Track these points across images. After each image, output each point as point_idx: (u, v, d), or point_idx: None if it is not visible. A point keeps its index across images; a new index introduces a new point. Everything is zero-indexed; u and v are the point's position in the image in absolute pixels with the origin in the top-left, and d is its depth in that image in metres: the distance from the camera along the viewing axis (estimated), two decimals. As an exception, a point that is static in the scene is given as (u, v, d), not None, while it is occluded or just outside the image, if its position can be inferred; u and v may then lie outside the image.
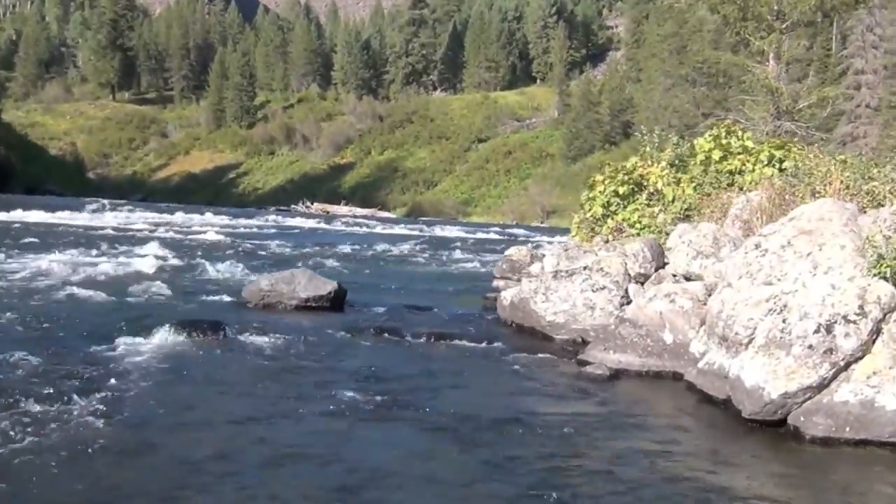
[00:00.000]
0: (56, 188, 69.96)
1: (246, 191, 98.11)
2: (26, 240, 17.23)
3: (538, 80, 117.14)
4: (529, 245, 16.61)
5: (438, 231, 39.33)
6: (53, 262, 12.75)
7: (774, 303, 5.92)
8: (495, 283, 14.38)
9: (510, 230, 48.30)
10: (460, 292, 13.43)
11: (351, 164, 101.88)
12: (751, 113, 16.67)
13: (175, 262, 14.13)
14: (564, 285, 8.78)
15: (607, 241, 11.42)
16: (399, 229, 39.27)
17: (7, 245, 15.42)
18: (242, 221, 33.64)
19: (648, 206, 11.26)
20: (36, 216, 27.47)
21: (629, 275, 8.76)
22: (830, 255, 5.85)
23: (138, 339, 7.17)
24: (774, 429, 5.52)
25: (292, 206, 70.15)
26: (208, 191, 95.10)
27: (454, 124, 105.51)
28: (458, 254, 22.86)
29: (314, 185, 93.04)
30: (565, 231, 53.79)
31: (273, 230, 30.65)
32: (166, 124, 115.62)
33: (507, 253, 16.61)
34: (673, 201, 10.49)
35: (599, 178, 12.37)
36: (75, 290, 10.13)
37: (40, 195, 56.47)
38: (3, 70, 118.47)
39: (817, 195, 7.17)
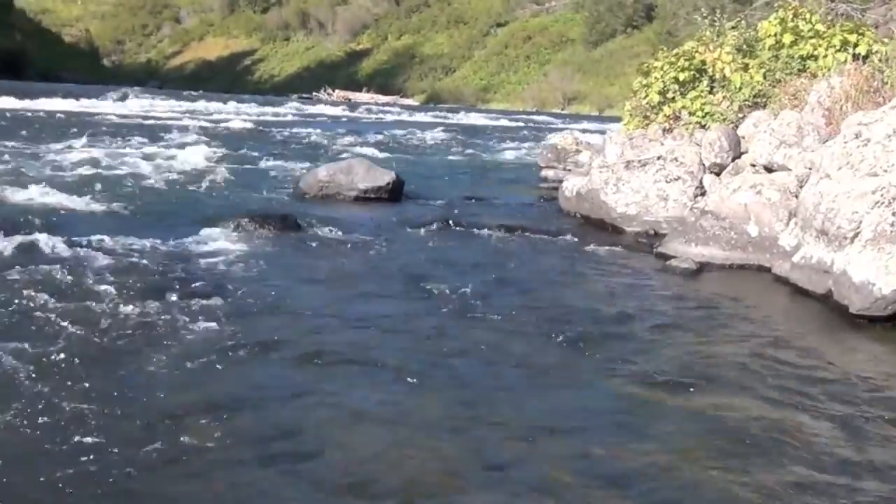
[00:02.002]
0: (70, 76, 69.18)
1: (262, 78, 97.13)
2: (62, 129, 17.01)
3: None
4: (573, 133, 16.26)
5: (464, 118, 38.84)
6: (100, 152, 12.61)
7: (882, 195, 5.71)
8: (543, 172, 14.20)
9: (534, 117, 47.73)
10: (511, 182, 13.23)
11: (368, 51, 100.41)
12: (804, -6, 16.01)
13: (221, 151, 13.91)
14: (637, 176, 8.57)
15: (667, 129, 11.13)
16: (423, 116, 38.78)
17: (47, 135, 15.24)
18: (269, 109, 33.23)
19: (711, 92, 10.89)
20: (60, 104, 27.16)
21: (704, 165, 8.53)
22: (944, 145, 5.62)
23: (215, 232, 7.05)
24: (884, 324, 5.39)
25: (314, 93, 69.34)
26: (224, 78, 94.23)
27: (472, 8, 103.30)
28: (492, 142, 22.57)
29: (331, 73, 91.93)
30: (588, 118, 53.32)
31: (300, 118, 30.32)
32: (179, 9, 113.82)
33: (551, 141, 16.36)
34: (740, 88, 10.13)
35: (657, 63, 11.95)
36: (135, 181, 10.00)
37: (55, 82, 55.93)
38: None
39: (920, 82, 6.87)
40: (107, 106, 28.88)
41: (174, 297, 5.02)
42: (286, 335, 4.54)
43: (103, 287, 5.09)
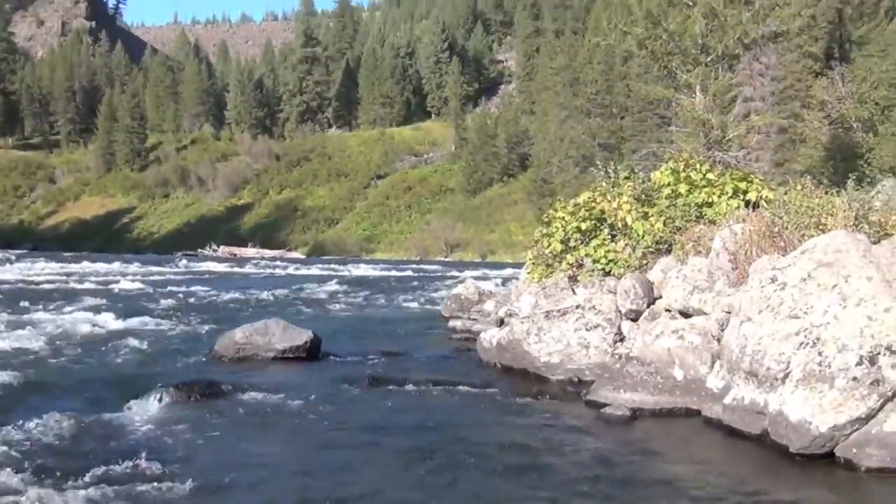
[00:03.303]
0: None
1: (141, 235, 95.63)
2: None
3: (433, 115, 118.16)
4: (472, 282, 16.56)
5: (353, 270, 39.03)
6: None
7: (806, 336, 5.99)
8: (450, 323, 14.32)
9: (421, 266, 48.36)
10: (420, 334, 13.26)
11: (249, 205, 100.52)
12: (683, 144, 17.06)
13: (120, 315, 13.54)
14: (557, 325, 8.75)
15: (571, 277, 11.47)
16: (313, 270, 38.78)
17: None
18: (155, 268, 32.68)
19: (612, 240, 11.35)
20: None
21: (620, 311, 8.79)
22: (859, 287, 5.97)
23: (140, 404, 6.81)
24: (822, 461, 5.57)
25: (199, 250, 68.61)
26: (100, 237, 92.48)
27: (352, 161, 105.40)
28: (388, 293, 22.70)
29: (212, 228, 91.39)
30: (472, 264, 54.17)
31: (190, 276, 29.89)
32: (53, 170, 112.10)
33: (454, 291, 16.58)
34: (643, 236, 10.60)
35: (558, 213, 12.43)
36: (40, 351, 9.61)
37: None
38: None
39: (822, 227, 7.33)
40: (-16, 271, 27.89)
41: (107, 481, 4.80)
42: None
43: (26, 469, 4.83)
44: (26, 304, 15.10)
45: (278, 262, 47.04)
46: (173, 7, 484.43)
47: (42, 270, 28.99)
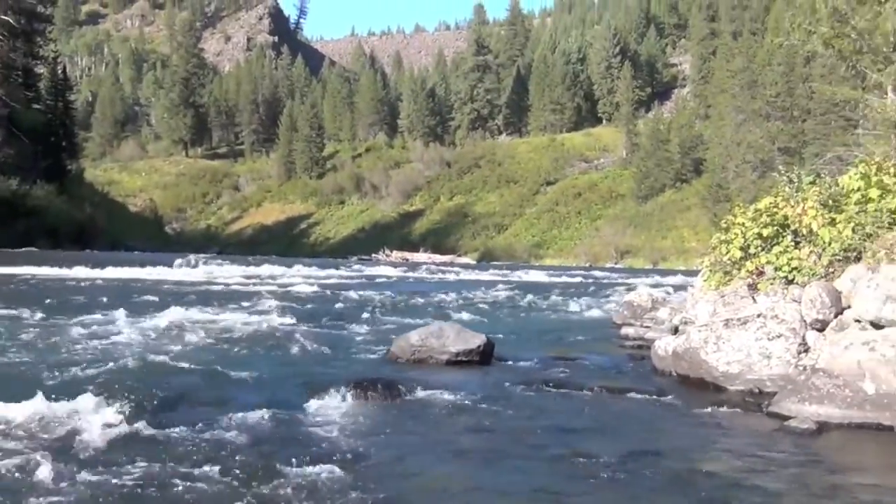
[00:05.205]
0: (136, 244, 71.50)
1: (318, 241, 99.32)
2: (140, 297, 17.39)
3: (604, 121, 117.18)
4: (648, 289, 16.28)
5: (523, 276, 39.09)
6: (182, 320, 12.82)
7: None
8: (623, 330, 14.13)
9: (590, 272, 47.94)
10: (592, 340, 13.14)
11: (421, 211, 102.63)
12: (872, 147, 16.20)
13: (299, 316, 14.10)
14: (737, 334, 8.49)
15: (751, 285, 11.09)
16: (483, 275, 39.13)
17: (130, 303, 15.58)
18: (332, 272, 33.80)
19: (796, 247, 10.89)
20: (130, 273, 27.92)
21: (805, 321, 8.43)
22: None
23: (324, 402, 7.07)
24: None
25: (373, 254, 70.67)
26: (281, 242, 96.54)
27: (521, 167, 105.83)
28: (557, 298, 22.59)
29: (385, 233, 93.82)
30: (642, 272, 53.33)
31: (365, 280, 30.76)
32: (238, 178, 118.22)
33: (626, 298, 16.34)
34: (830, 243, 10.12)
35: (737, 219, 12.05)
36: (227, 348, 10.14)
37: (121, 251, 57.83)
38: (80, 131, 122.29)
39: None
40: (175, 273, 29.62)
41: (298, 472, 5.00)
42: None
43: (223, 465, 5.09)
44: (212, 304, 15.92)
45: (449, 267, 47.72)
46: (351, 21, 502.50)
47: (227, 273, 30.53)
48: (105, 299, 16.06)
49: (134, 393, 6.71)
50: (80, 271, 26.79)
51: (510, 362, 10.17)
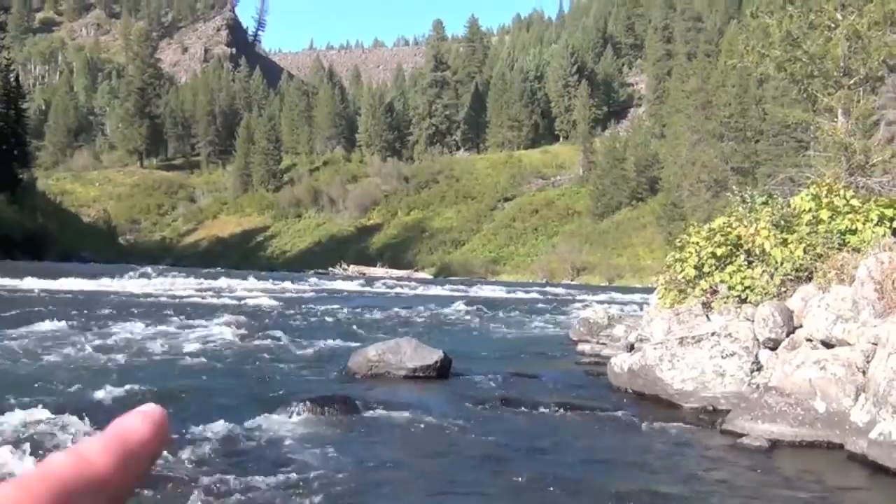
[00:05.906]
0: (89, 255, 70.35)
1: (274, 254, 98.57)
2: (92, 310, 17.14)
3: (561, 139, 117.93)
4: (600, 306, 16.41)
5: (480, 291, 39.14)
6: (134, 334, 12.67)
7: (962, 371, 5.72)
8: (579, 346, 14.22)
9: (546, 288, 48.16)
10: (549, 357, 13.22)
11: (378, 226, 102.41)
12: (823, 169, 16.53)
13: (256, 330, 14.01)
14: (692, 352, 8.60)
15: (705, 304, 11.25)
16: (440, 290, 39.10)
17: (76, 316, 15.35)
18: (289, 285, 33.57)
19: (749, 267, 11.07)
20: (82, 284, 27.49)
21: (758, 340, 8.56)
22: None
23: (277, 418, 7.03)
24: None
25: (330, 268, 70.34)
26: (236, 254, 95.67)
27: (479, 183, 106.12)
28: (514, 314, 22.67)
29: (342, 247, 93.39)
30: (598, 288, 53.68)
31: (323, 293, 30.61)
32: (193, 189, 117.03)
33: (583, 315, 16.47)
34: (782, 263, 10.31)
35: (692, 238, 12.22)
36: (178, 363, 10.02)
37: (74, 262, 56.89)
38: (33, 139, 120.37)
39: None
40: (131, 285, 29.21)
41: (246, 488, 4.97)
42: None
43: (173, 481, 5.04)
44: (165, 317, 15.76)
45: (406, 282, 47.68)
46: (309, 34, 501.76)
47: (182, 285, 30.20)
48: (56, 311, 15.79)
49: (80, 408, 6.62)
50: (31, 282, 26.30)
51: (468, 377, 10.18)
